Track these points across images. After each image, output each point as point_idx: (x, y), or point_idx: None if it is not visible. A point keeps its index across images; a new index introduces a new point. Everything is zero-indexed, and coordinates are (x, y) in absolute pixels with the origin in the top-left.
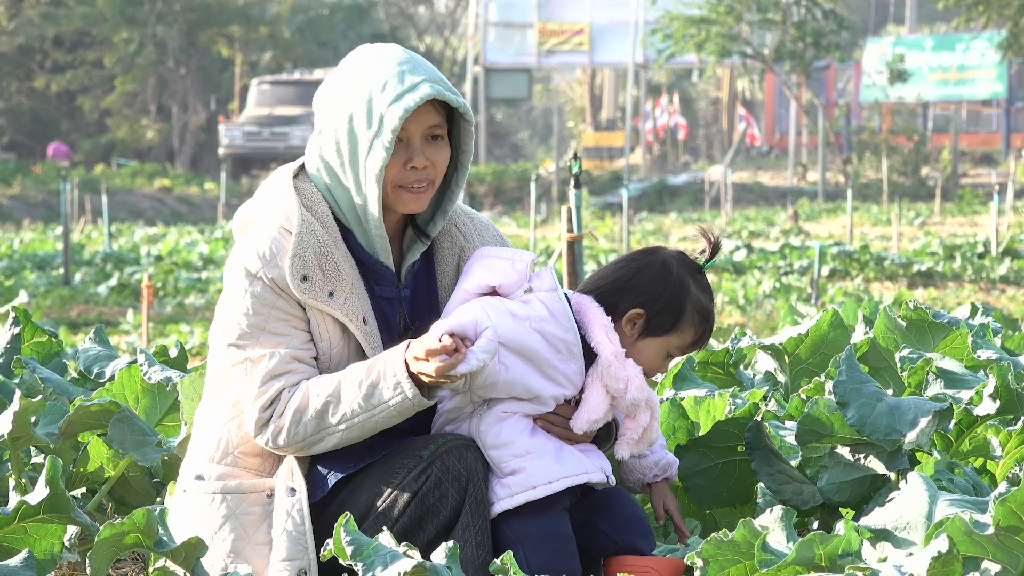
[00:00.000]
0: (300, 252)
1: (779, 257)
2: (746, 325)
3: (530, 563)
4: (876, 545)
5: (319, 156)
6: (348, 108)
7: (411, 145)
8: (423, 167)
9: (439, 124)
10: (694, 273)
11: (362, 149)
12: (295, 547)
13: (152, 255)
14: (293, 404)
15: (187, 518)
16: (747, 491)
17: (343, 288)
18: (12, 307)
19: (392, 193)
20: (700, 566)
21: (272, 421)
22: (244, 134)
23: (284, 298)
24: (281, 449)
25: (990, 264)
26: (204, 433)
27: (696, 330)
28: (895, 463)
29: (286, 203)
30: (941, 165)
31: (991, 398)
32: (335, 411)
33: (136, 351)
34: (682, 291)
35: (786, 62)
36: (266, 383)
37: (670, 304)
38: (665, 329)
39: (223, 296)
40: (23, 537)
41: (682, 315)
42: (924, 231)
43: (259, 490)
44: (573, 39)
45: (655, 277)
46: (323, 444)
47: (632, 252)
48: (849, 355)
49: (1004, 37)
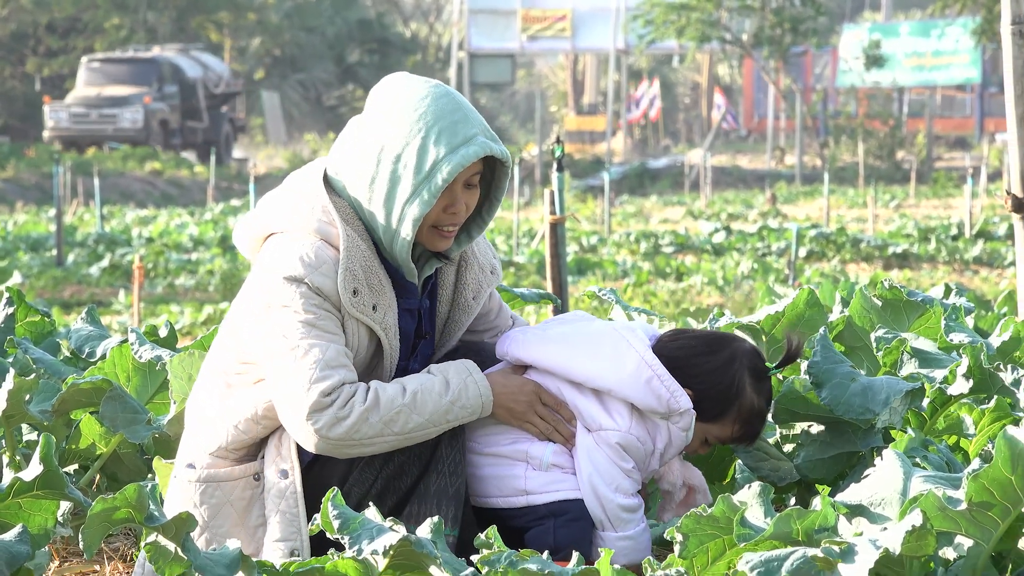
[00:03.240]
0: (350, 266)
1: (757, 239)
2: (725, 305)
3: (556, 537)
4: (852, 520)
5: (346, 177)
6: (392, 147)
7: (453, 192)
8: (462, 212)
9: (479, 171)
10: (757, 375)
11: (402, 190)
12: (289, 528)
13: (143, 237)
14: (360, 400)
15: (182, 505)
16: (726, 468)
17: (384, 302)
18: (6, 287)
19: (427, 232)
20: (680, 540)
21: (331, 409)
22: (71, 116)
23: (328, 304)
24: (330, 440)
25: (964, 246)
26: (202, 427)
27: (740, 428)
28: (869, 441)
29: (324, 215)
30: (916, 149)
31: (964, 377)
32: (408, 420)
33: (127, 331)
34: (736, 388)
35: (764, 48)
36: (325, 371)
37: (720, 396)
38: (708, 417)
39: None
40: (17, 512)
41: (728, 410)
42: (899, 213)
43: (246, 475)
44: (556, 25)
45: (716, 367)
46: (371, 448)
47: (718, 333)
48: (824, 336)
49: (978, 23)
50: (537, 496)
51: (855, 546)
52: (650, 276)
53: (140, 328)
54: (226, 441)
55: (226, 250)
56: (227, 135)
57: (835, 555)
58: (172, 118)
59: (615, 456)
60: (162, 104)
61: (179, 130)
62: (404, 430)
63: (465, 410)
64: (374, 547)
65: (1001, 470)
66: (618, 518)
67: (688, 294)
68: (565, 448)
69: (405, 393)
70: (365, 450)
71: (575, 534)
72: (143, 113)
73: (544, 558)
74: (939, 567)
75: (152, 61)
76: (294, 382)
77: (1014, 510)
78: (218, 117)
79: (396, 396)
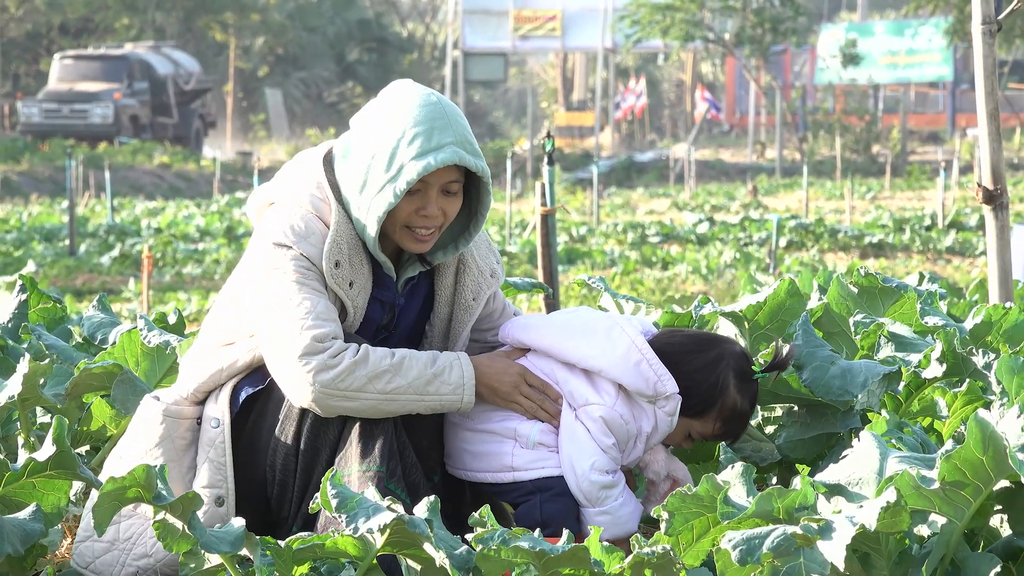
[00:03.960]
0: (337, 239)
1: (739, 229)
2: (708, 293)
3: (543, 512)
4: (831, 499)
5: (338, 163)
6: (374, 144)
7: (427, 195)
8: (434, 216)
9: (456, 180)
10: (742, 376)
11: (372, 185)
12: (216, 475)
13: (152, 227)
14: (351, 353)
15: (134, 427)
16: (709, 448)
17: (360, 282)
18: (20, 276)
19: (399, 231)
20: (666, 518)
21: (323, 356)
22: (42, 111)
23: (316, 270)
24: (320, 384)
25: (937, 236)
26: (184, 373)
27: (721, 426)
28: (848, 422)
29: (319, 191)
30: (891, 143)
31: (938, 361)
32: (391, 380)
33: (137, 317)
34: (720, 387)
35: (746, 47)
36: (317, 320)
37: (704, 393)
38: (692, 412)
39: (252, 270)
40: (31, 492)
41: (711, 407)
42: (875, 205)
43: (190, 416)
44: (546, 25)
45: (704, 365)
46: (354, 404)
47: (710, 335)
48: (805, 321)
49: (950, 23)
50: (523, 472)
51: (832, 523)
52: (637, 265)
53: (149, 315)
54: (193, 386)
55: (231, 240)
56: (197, 131)
57: (814, 532)
58: (142, 114)
59: (597, 431)
60: (132, 100)
61: (149, 126)
62: (385, 390)
63: (447, 386)
64: (370, 526)
65: (973, 451)
66: (594, 494)
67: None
68: (553, 428)
69: (393, 356)
70: (348, 404)
71: (560, 509)
72: (113, 109)
73: (535, 536)
74: (914, 544)
75: (123, 58)
76: (287, 328)
77: (985, 489)
78: (188, 113)
79: (384, 357)
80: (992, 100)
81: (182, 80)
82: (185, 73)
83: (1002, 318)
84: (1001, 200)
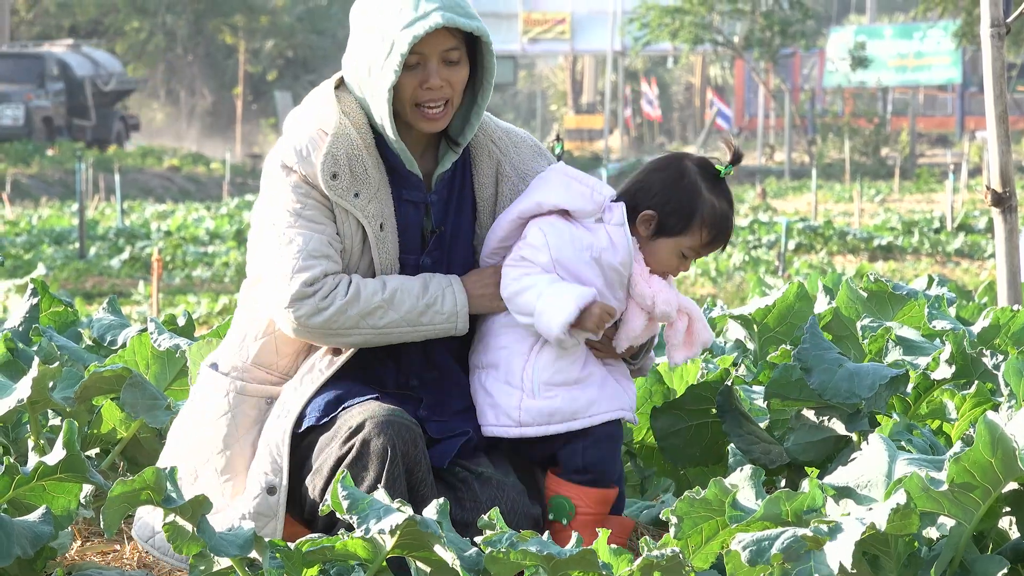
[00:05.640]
0: (333, 151)
1: (748, 232)
2: (717, 296)
3: (585, 457)
4: (839, 502)
5: (346, 68)
6: (368, 29)
7: (427, 67)
8: (439, 87)
9: (455, 47)
10: (711, 178)
11: (374, 67)
12: (274, 465)
13: (162, 230)
14: (342, 293)
15: (198, 397)
16: (719, 451)
17: (368, 191)
18: (31, 279)
19: (411, 112)
20: (675, 522)
21: (313, 299)
22: None
23: (316, 192)
24: (309, 328)
25: (945, 238)
26: (233, 329)
27: (708, 233)
28: (856, 425)
29: (325, 107)
30: (900, 146)
31: (947, 364)
32: (383, 316)
33: (147, 320)
34: (694, 194)
35: (755, 50)
36: (308, 260)
37: (681, 206)
38: (677, 230)
39: (261, 194)
40: (42, 495)
41: (692, 218)
42: (884, 208)
43: (260, 395)
44: (555, 28)
45: (669, 180)
46: (348, 339)
47: (660, 157)
48: (813, 324)
49: (959, 26)
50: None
51: (841, 524)
52: None
53: (159, 318)
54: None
55: (241, 243)
56: (119, 133)
57: (824, 533)
58: (57, 115)
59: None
60: (46, 101)
61: (65, 128)
62: (378, 326)
63: (440, 315)
64: (381, 526)
65: (982, 453)
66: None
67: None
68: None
69: (385, 289)
70: (343, 340)
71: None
72: (24, 110)
73: (543, 539)
74: (923, 546)
75: (37, 57)
76: (278, 270)
77: (994, 491)
78: (108, 115)
79: (376, 292)
80: (1001, 103)
81: (102, 81)
82: (105, 74)
83: (1010, 320)
84: (1010, 203)
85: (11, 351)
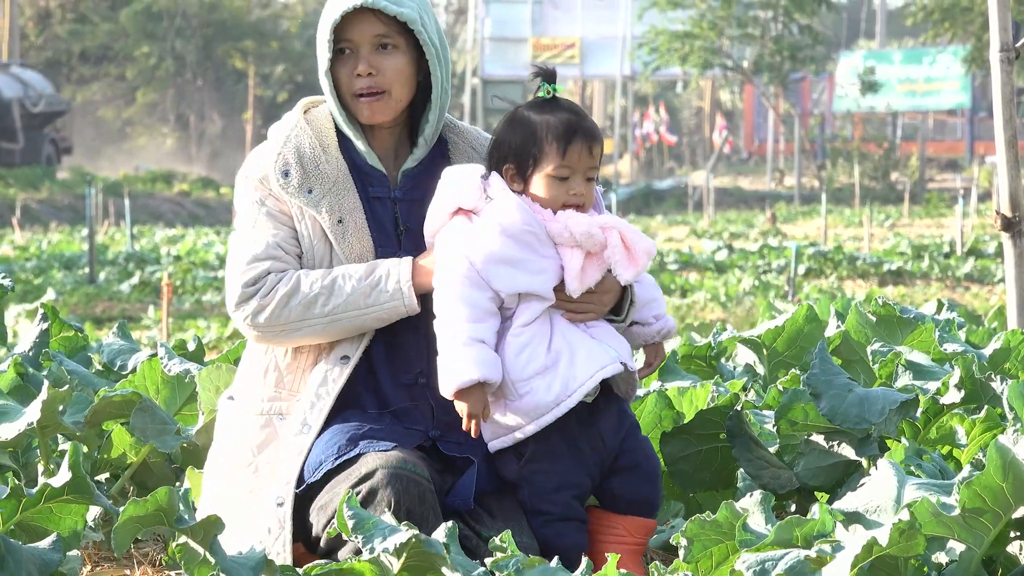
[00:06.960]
0: (283, 151)
1: (758, 257)
2: (727, 320)
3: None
4: (849, 527)
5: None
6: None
7: (357, 54)
8: (367, 73)
9: (385, 34)
10: (537, 105)
11: (320, 62)
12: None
13: (171, 255)
14: (282, 288)
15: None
16: (728, 476)
17: (322, 186)
18: (41, 304)
19: (352, 103)
20: (684, 545)
21: (255, 299)
22: None
23: (272, 198)
24: (259, 328)
25: (955, 263)
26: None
27: (557, 142)
28: (865, 450)
29: (289, 118)
30: (909, 171)
31: (956, 388)
32: (327, 303)
33: (156, 345)
34: (527, 123)
35: (764, 74)
36: (252, 263)
37: (524, 140)
38: (535, 162)
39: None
40: (48, 516)
41: (535, 141)
42: (893, 232)
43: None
44: (565, 53)
45: (508, 128)
46: (301, 333)
47: None
48: (822, 349)
49: (968, 51)
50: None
51: (842, 543)
52: None
53: (169, 342)
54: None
55: None
56: (49, 156)
57: (827, 553)
58: None
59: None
60: None
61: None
62: (324, 313)
63: (384, 294)
64: (386, 546)
65: (993, 477)
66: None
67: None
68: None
69: (326, 276)
70: (297, 335)
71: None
72: None
73: (552, 565)
74: (932, 571)
75: None
76: (229, 278)
77: (1005, 516)
78: (38, 138)
79: (316, 280)
80: (1010, 128)
81: (30, 102)
82: (35, 95)
83: (1021, 344)
84: (1020, 227)
85: (21, 376)
